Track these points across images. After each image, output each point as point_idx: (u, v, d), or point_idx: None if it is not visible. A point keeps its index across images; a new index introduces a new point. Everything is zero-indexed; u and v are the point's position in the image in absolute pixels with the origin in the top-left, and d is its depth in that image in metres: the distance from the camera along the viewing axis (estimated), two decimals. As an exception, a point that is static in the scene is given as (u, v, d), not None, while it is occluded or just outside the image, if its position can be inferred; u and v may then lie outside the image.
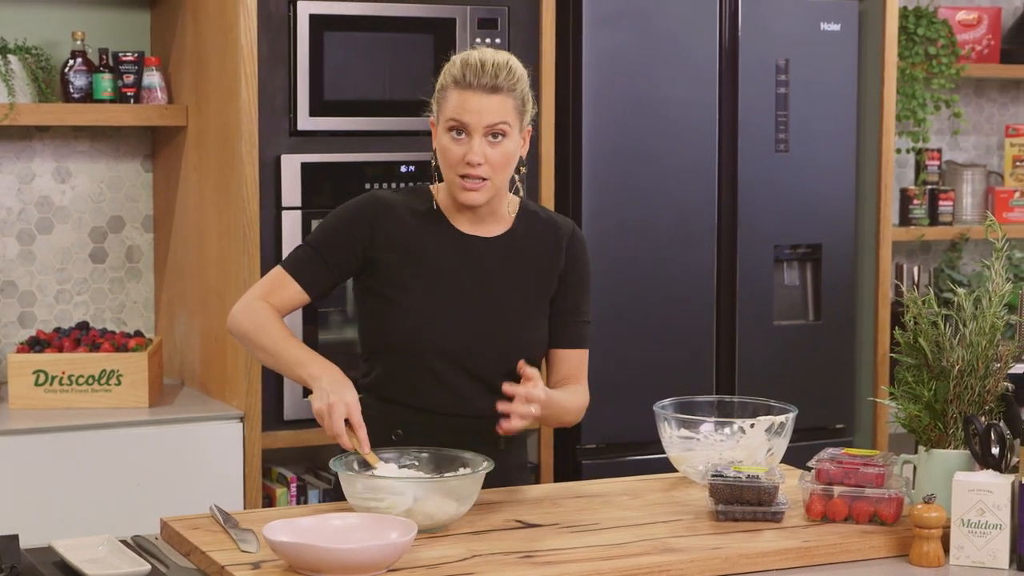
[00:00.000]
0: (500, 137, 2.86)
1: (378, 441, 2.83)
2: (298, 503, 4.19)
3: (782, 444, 3.04)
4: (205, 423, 4.03)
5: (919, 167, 5.41)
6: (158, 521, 2.76)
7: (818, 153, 4.68)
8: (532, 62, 4.32)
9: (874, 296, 4.84)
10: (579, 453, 4.43)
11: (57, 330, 4.22)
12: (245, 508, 4.00)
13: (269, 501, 4.18)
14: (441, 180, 2.97)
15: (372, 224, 2.94)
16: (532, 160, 4.33)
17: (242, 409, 4.04)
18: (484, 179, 2.87)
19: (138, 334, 4.23)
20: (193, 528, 2.68)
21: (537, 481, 4.39)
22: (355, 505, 2.68)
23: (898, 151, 5.21)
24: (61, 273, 4.50)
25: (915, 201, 5.28)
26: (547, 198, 4.35)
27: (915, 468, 2.84)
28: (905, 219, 5.30)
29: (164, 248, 4.51)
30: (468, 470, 2.74)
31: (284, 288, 2.97)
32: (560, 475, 4.43)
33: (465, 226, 2.97)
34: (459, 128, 2.86)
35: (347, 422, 2.76)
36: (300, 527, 2.50)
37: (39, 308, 4.48)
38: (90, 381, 4.04)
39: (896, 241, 5.20)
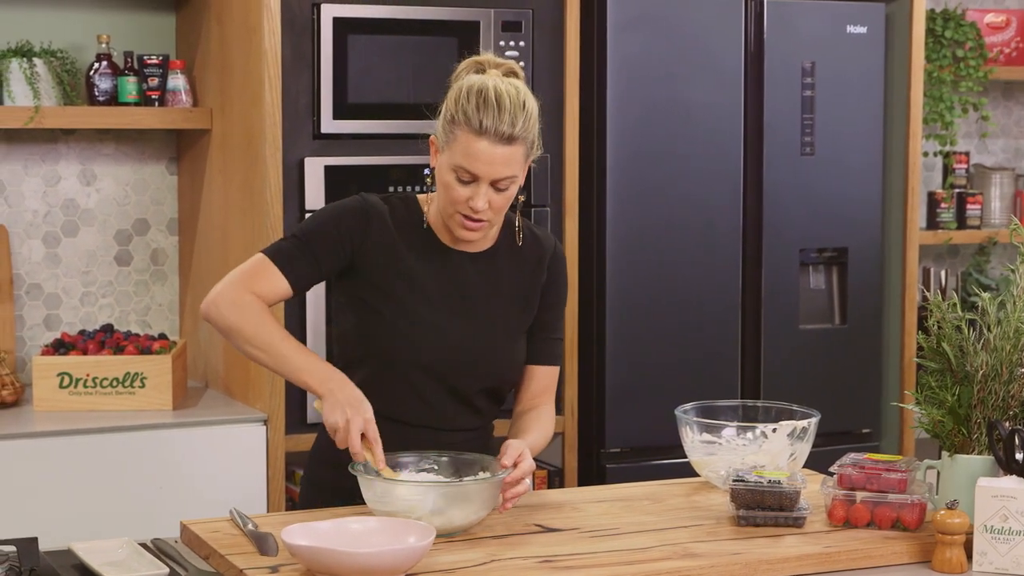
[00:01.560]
0: (507, 185, 2.81)
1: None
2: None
3: (805, 449, 3.03)
4: (228, 426, 4.03)
5: (947, 170, 5.38)
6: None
7: (844, 156, 4.65)
8: (556, 65, 4.31)
9: (901, 300, 4.82)
10: (603, 457, 4.42)
11: (82, 332, 4.23)
12: (268, 511, 3.99)
13: (293, 504, 4.18)
14: (432, 190, 2.93)
15: (363, 228, 2.89)
16: (556, 165, 4.32)
17: (265, 412, 4.04)
18: (484, 221, 2.84)
19: (162, 337, 4.24)
20: (212, 531, 2.68)
21: (561, 485, 4.38)
22: (374, 509, 2.67)
23: (925, 154, 5.18)
24: (86, 276, 4.51)
25: (943, 204, 5.25)
26: (571, 202, 4.34)
27: (939, 474, 2.82)
28: (933, 223, 5.27)
29: (189, 251, 4.51)
30: (487, 474, 2.73)
31: (268, 278, 2.86)
32: (584, 479, 4.41)
33: (451, 241, 2.93)
34: (467, 176, 2.80)
35: (362, 437, 2.74)
36: (318, 531, 2.50)
37: (64, 311, 4.49)
38: (114, 384, 4.04)
39: (924, 245, 5.17)
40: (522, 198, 2.96)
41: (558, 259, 3.04)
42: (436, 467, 2.79)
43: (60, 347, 4.12)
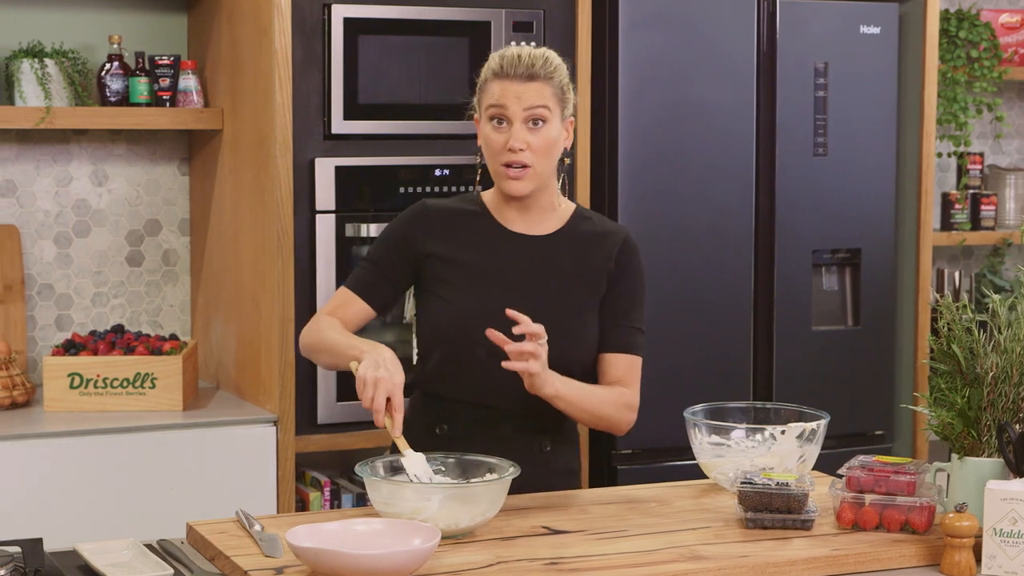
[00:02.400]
0: (541, 123, 2.92)
1: (421, 437, 2.83)
2: (332, 507, 4.18)
3: (814, 451, 3.01)
4: (239, 427, 4.03)
5: (961, 171, 5.35)
6: (188, 525, 2.76)
7: (857, 157, 4.63)
8: (568, 65, 4.28)
9: (914, 301, 4.79)
10: (615, 459, 4.41)
11: (92, 333, 4.23)
12: (278, 512, 3.99)
13: (303, 505, 4.18)
14: (486, 186, 3.02)
15: (423, 230, 3.01)
16: (568, 164, 4.30)
17: (276, 413, 4.03)
18: (526, 166, 2.91)
19: (173, 337, 4.24)
20: (218, 532, 2.67)
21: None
22: (380, 510, 2.67)
23: (939, 155, 5.16)
24: (98, 276, 4.51)
25: (957, 206, 5.23)
26: (582, 201, 4.32)
27: (949, 476, 2.80)
28: (947, 224, 5.24)
29: (200, 251, 4.51)
30: (494, 476, 2.73)
31: (349, 306, 3.02)
32: (595, 481, 4.40)
33: (513, 224, 3.01)
34: (500, 116, 2.92)
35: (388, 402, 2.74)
36: (323, 532, 2.49)
37: (76, 311, 4.49)
38: (124, 384, 4.04)
39: (938, 246, 5.15)
40: (568, 160, 3.05)
41: (628, 248, 3.07)
42: (443, 468, 2.78)
43: (71, 347, 4.12)
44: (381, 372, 2.74)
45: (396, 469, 2.76)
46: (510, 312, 2.79)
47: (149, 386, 4.05)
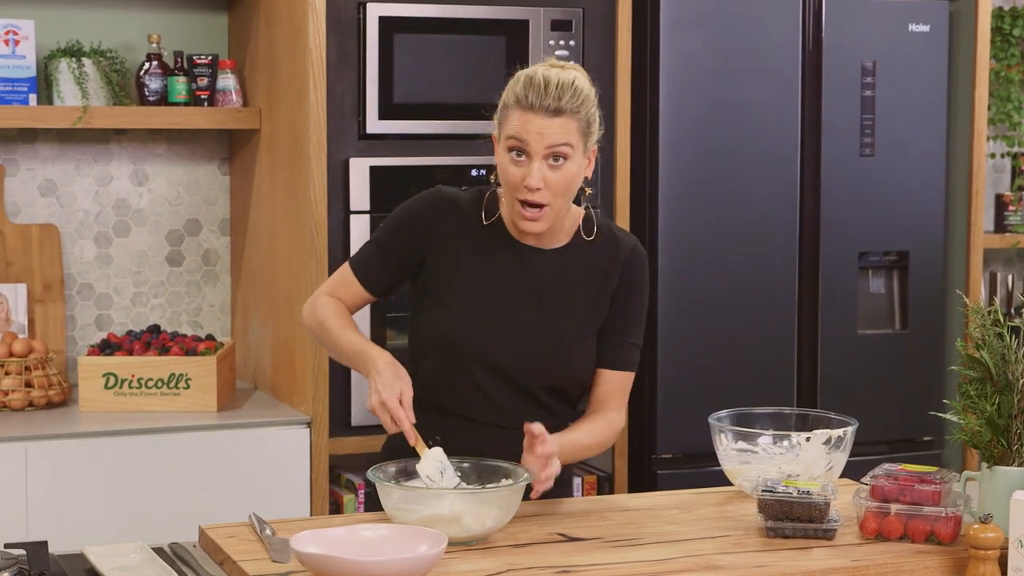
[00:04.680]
0: (562, 160, 2.78)
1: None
2: (366, 510, 4.14)
3: (842, 458, 2.94)
4: (272, 428, 4.00)
5: (1015, 172, 5.24)
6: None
7: (906, 157, 4.55)
8: (607, 65, 4.24)
9: (964, 305, 4.69)
10: (654, 463, 4.35)
11: (129, 333, 4.22)
12: (312, 515, 3.96)
13: (337, 508, 4.15)
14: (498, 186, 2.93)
15: (435, 219, 2.91)
16: (607, 165, 4.26)
17: (309, 414, 4.01)
18: (543, 205, 2.80)
19: (209, 338, 4.22)
20: (229, 536, 2.65)
21: (611, 491, 4.32)
22: (392, 516, 2.63)
23: (992, 156, 5.06)
24: (137, 276, 4.50)
25: (1011, 207, 5.12)
26: (622, 203, 4.27)
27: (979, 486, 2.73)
28: (1000, 226, 5.14)
29: (240, 251, 4.49)
30: (510, 481, 2.68)
31: (349, 286, 2.98)
32: (634, 485, 4.34)
33: (520, 234, 2.90)
34: (519, 149, 2.78)
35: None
36: (329, 538, 2.45)
37: (115, 311, 4.48)
38: (159, 385, 4.03)
39: (991, 248, 5.05)
40: (589, 190, 2.93)
41: (636, 260, 2.97)
42: (459, 473, 2.74)
43: (106, 347, 4.11)
44: (384, 395, 2.73)
45: (409, 474, 2.72)
46: (528, 428, 2.72)
47: (183, 387, 4.03)
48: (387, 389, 2.74)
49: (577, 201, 2.90)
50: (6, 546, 2.50)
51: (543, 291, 2.90)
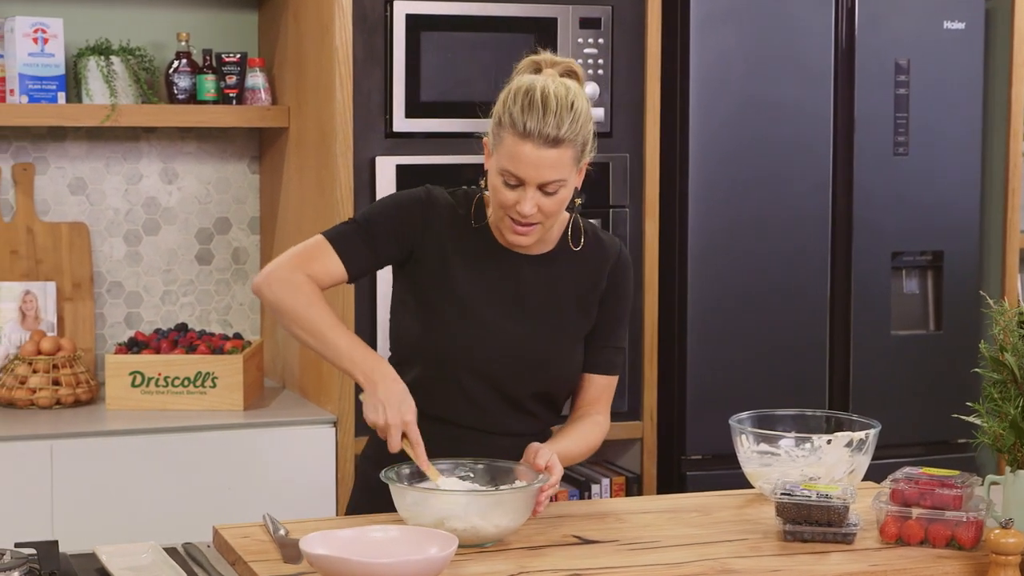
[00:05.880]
0: (555, 189, 2.72)
1: (403, 454, 2.75)
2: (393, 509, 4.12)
3: (864, 461, 2.90)
4: (297, 427, 3.99)
5: (1054, 171, 5.17)
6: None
7: (940, 157, 4.49)
8: (637, 62, 4.21)
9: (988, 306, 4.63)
10: (684, 464, 4.31)
11: (156, 331, 4.22)
12: (337, 515, 3.94)
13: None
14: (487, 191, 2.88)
15: (424, 219, 2.84)
16: (636, 164, 4.22)
17: (335, 413, 3.99)
18: (534, 225, 2.76)
19: (237, 336, 4.21)
20: (242, 537, 2.63)
21: (639, 493, 4.28)
22: (406, 518, 2.61)
23: (1029, 154, 4.99)
24: (167, 274, 4.50)
25: (1048, 207, 5.05)
26: (651, 202, 4.23)
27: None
28: (1038, 226, 5.07)
29: (269, 250, 4.49)
30: (523, 483, 2.65)
31: (324, 259, 2.80)
32: (664, 487, 4.31)
33: (507, 241, 2.84)
34: (513, 180, 2.72)
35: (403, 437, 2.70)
36: (338, 539, 2.43)
37: (145, 309, 4.48)
38: (185, 383, 4.02)
39: (1027, 248, 4.98)
40: (579, 201, 2.88)
41: (622, 265, 2.94)
42: (472, 475, 2.71)
43: (133, 346, 4.11)
44: (389, 416, 2.67)
45: (422, 475, 2.69)
46: (538, 466, 2.68)
47: (210, 385, 4.03)
48: (394, 411, 2.68)
49: (569, 208, 2.85)
50: (17, 545, 2.49)
51: (531, 298, 2.86)
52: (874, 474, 3.04)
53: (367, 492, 2.97)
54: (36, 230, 4.31)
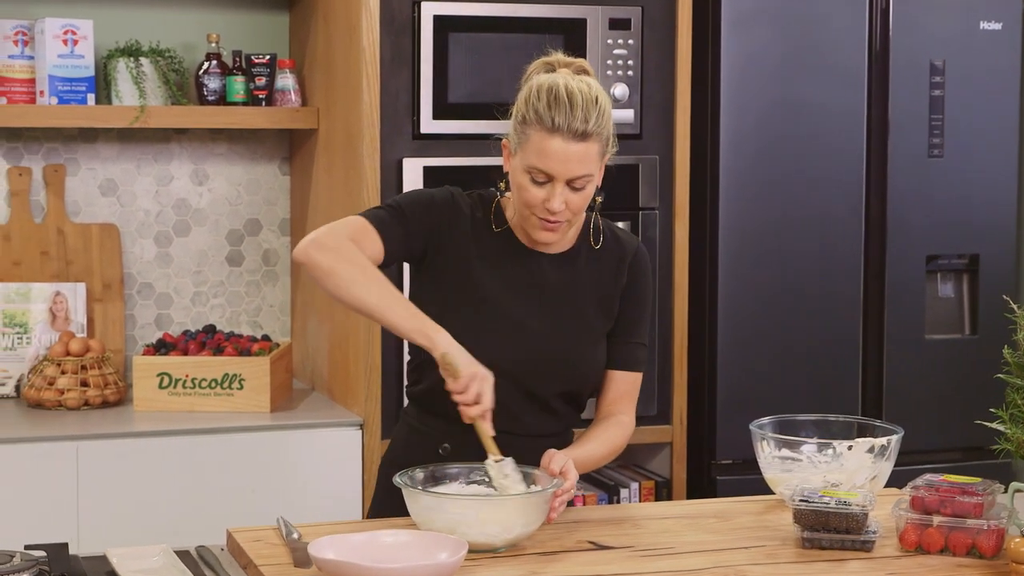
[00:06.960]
0: (583, 184, 2.73)
1: (423, 456, 2.74)
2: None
3: (887, 467, 2.86)
4: (324, 429, 3.98)
5: (1094, 174, 5.10)
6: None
7: (976, 159, 4.44)
8: (667, 63, 4.18)
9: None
10: (714, 469, 4.27)
11: (185, 333, 4.22)
12: (363, 518, 3.93)
13: (389, 510, 4.11)
14: (505, 194, 2.87)
15: (450, 220, 2.84)
16: (667, 165, 4.19)
17: (362, 416, 3.98)
18: (562, 221, 2.76)
19: (265, 338, 4.21)
20: (255, 540, 2.62)
21: (669, 497, 4.25)
22: (419, 522, 2.59)
23: (1068, 157, 4.92)
24: (197, 276, 4.50)
25: (1088, 210, 4.99)
26: (681, 204, 4.20)
27: (1027, 498, 2.65)
28: (1078, 229, 5.00)
29: (299, 252, 4.47)
30: (538, 488, 2.63)
31: (368, 239, 2.77)
32: (693, 491, 4.27)
33: (530, 242, 2.86)
34: (542, 177, 2.72)
35: None
36: (348, 544, 2.41)
37: (175, 310, 4.49)
38: (212, 385, 4.02)
39: (1067, 253, 4.92)
40: (600, 199, 2.87)
41: (640, 261, 2.94)
42: (486, 480, 2.69)
43: (161, 347, 4.11)
44: (481, 369, 2.66)
45: (437, 479, 2.68)
46: (553, 471, 2.66)
47: (237, 387, 4.02)
48: (478, 377, 2.66)
49: (588, 207, 2.84)
50: (27, 547, 2.48)
51: (554, 297, 2.86)
52: (903, 480, 2.99)
53: (389, 495, 2.95)
54: (67, 231, 4.32)
